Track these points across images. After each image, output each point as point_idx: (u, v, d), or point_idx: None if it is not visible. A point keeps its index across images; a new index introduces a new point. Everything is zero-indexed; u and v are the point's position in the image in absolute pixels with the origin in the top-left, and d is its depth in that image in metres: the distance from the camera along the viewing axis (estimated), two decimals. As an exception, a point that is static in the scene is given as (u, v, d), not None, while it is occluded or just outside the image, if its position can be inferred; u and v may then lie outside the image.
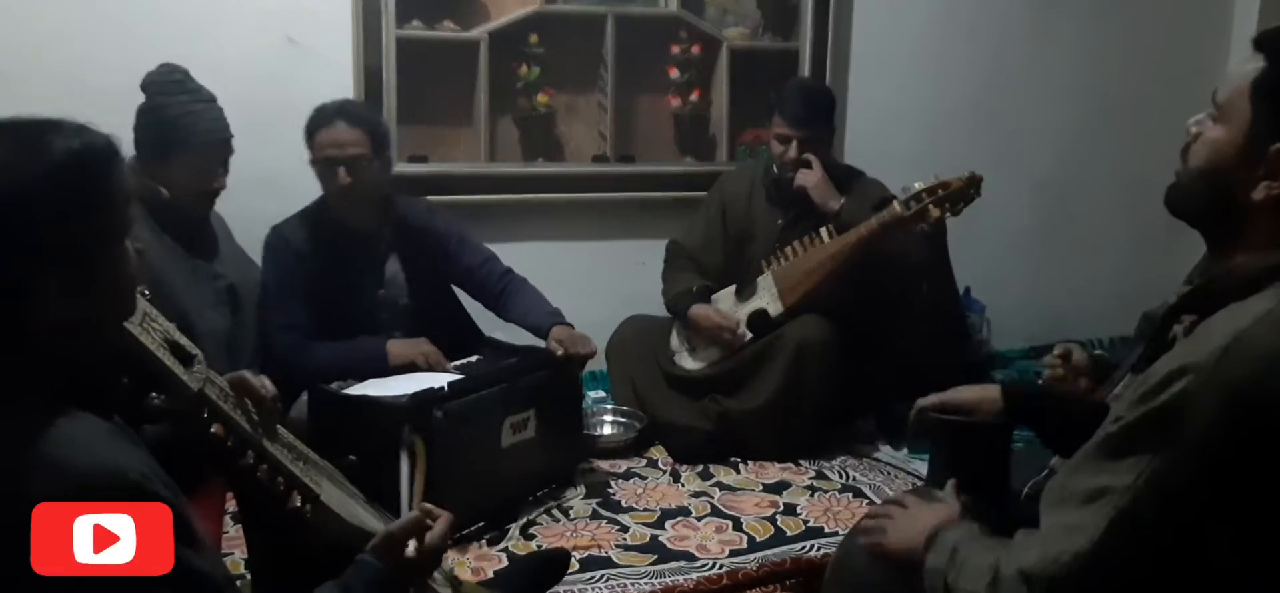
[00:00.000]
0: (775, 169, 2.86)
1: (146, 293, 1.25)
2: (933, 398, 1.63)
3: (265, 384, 1.37)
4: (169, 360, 1.21)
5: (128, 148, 2.22)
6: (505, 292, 2.64)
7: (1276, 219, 1.10)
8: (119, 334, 1.11)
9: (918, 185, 2.59)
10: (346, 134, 2.39)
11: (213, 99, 2.30)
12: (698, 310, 2.82)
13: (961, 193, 2.57)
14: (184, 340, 1.27)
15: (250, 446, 1.28)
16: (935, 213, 2.56)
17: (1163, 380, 1.05)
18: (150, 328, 1.21)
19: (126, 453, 0.99)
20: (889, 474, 2.62)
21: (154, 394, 1.21)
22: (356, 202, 2.44)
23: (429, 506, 1.35)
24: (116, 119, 1.20)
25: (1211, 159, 1.15)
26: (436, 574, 1.51)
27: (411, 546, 1.27)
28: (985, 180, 2.59)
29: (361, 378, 2.32)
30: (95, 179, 1.01)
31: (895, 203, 2.61)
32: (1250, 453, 1.03)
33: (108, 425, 1.02)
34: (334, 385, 2.28)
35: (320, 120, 2.42)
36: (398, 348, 2.44)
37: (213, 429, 1.25)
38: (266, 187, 2.66)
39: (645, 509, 2.38)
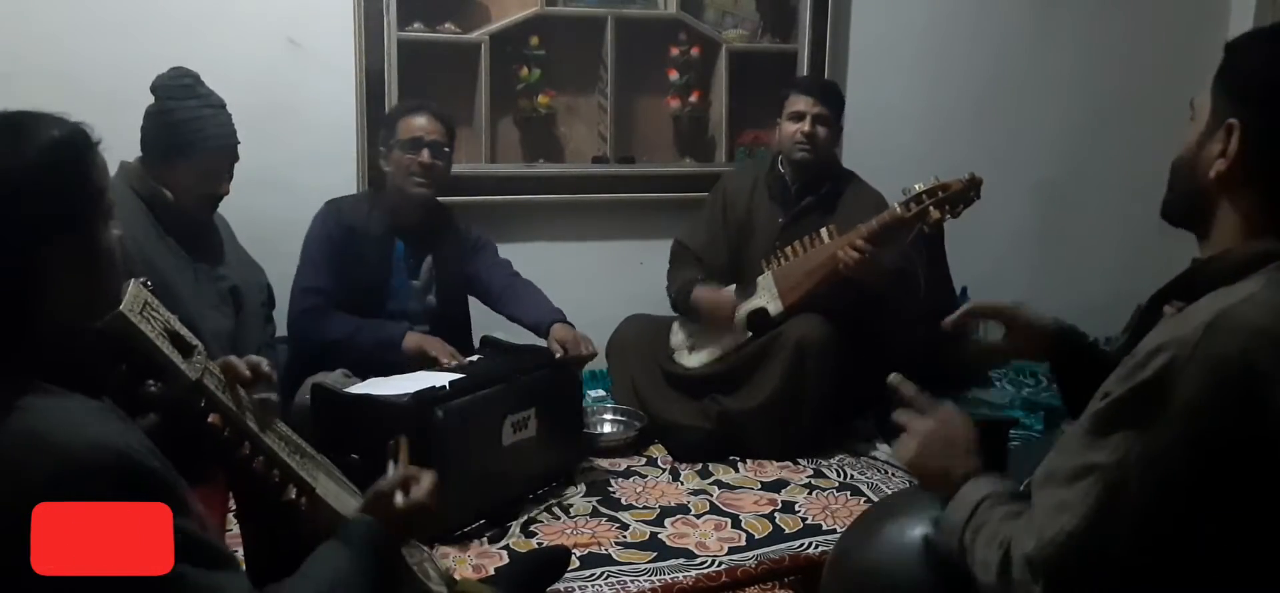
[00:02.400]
0: (780, 160, 2.87)
1: (149, 284, 1.26)
2: (991, 303, 1.69)
3: (252, 361, 1.38)
4: (167, 349, 1.22)
5: (132, 149, 2.26)
6: (510, 291, 2.73)
7: (1236, 199, 1.15)
8: (107, 318, 1.13)
9: (918, 187, 2.60)
10: (430, 124, 2.62)
11: (222, 104, 2.31)
12: (700, 292, 2.84)
13: (961, 195, 2.58)
14: (184, 331, 1.28)
15: (247, 437, 1.29)
16: (935, 215, 2.57)
17: (1147, 356, 1.07)
18: (150, 318, 1.22)
19: (121, 431, 1.00)
20: (887, 473, 2.63)
21: (150, 382, 1.22)
22: (426, 186, 2.61)
23: (413, 468, 1.37)
24: (117, 119, 1.21)
25: (1182, 151, 1.21)
26: (432, 572, 1.52)
27: (399, 497, 1.29)
28: (984, 180, 2.60)
29: (370, 355, 2.43)
30: (75, 164, 1.04)
31: (895, 204, 2.62)
32: (1236, 428, 1.04)
33: (99, 405, 1.03)
34: (338, 372, 2.30)
35: (407, 109, 2.66)
36: (415, 340, 2.52)
37: (210, 419, 1.26)
38: (267, 187, 2.67)
39: (645, 507, 2.39)
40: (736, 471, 2.63)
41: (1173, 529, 1.07)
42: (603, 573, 2.06)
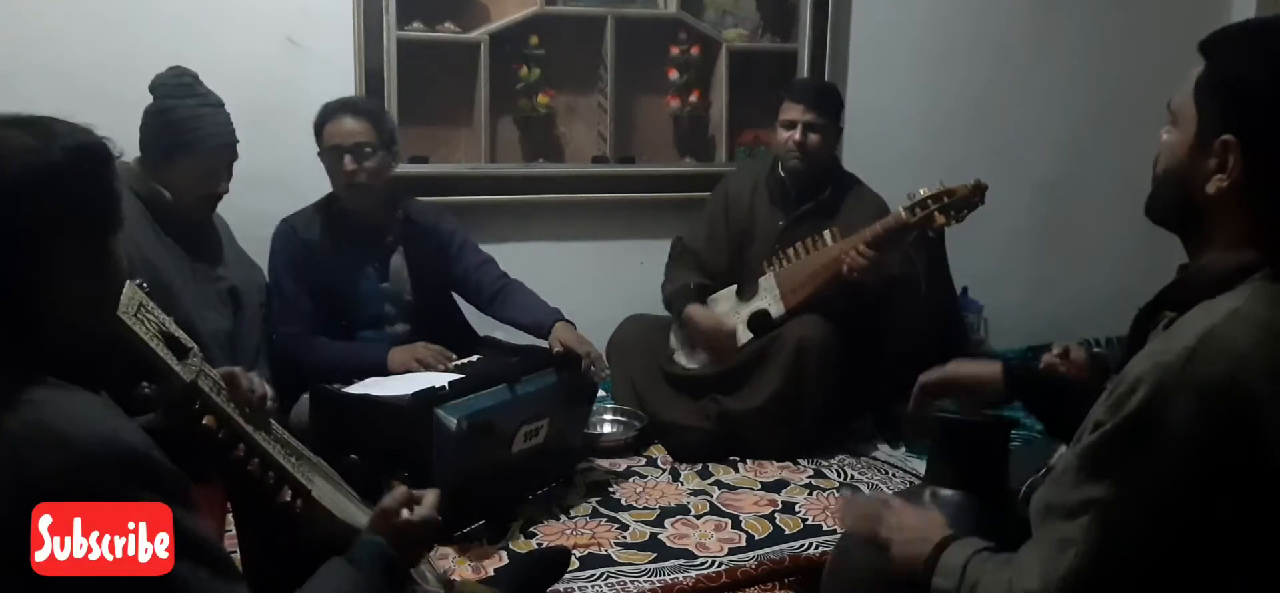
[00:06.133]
0: (779, 163, 2.87)
1: (145, 286, 1.26)
2: (935, 373, 1.63)
3: (254, 382, 1.37)
4: (161, 351, 1.22)
5: (131, 148, 2.25)
6: (502, 293, 2.67)
7: (1236, 212, 1.11)
8: (110, 323, 1.13)
9: (922, 192, 2.59)
10: (352, 125, 2.49)
11: (220, 104, 2.31)
12: (693, 310, 2.83)
13: (965, 200, 2.57)
14: (179, 333, 1.27)
15: (242, 439, 1.29)
16: (940, 220, 2.56)
17: (1134, 383, 1.06)
18: (145, 319, 1.22)
19: (131, 427, 1.01)
20: (887, 473, 2.63)
21: (145, 384, 1.22)
22: (362, 190, 2.51)
23: (410, 489, 1.36)
24: (116, 119, 1.21)
25: (1168, 162, 1.17)
26: (429, 576, 1.52)
27: (406, 512, 1.29)
28: (986, 183, 2.59)
29: (360, 380, 2.35)
30: (98, 172, 1.05)
31: (900, 209, 2.62)
32: (1228, 450, 1.03)
33: (105, 400, 1.04)
34: (335, 385, 2.29)
35: (327, 114, 2.53)
36: (396, 356, 2.47)
37: (204, 421, 1.25)
38: (266, 187, 2.66)
39: (645, 508, 2.39)
40: (736, 471, 2.63)
41: (1175, 557, 1.06)
42: (603, 574, 2.06)
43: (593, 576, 2.05)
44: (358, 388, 2.27)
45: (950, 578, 1.20)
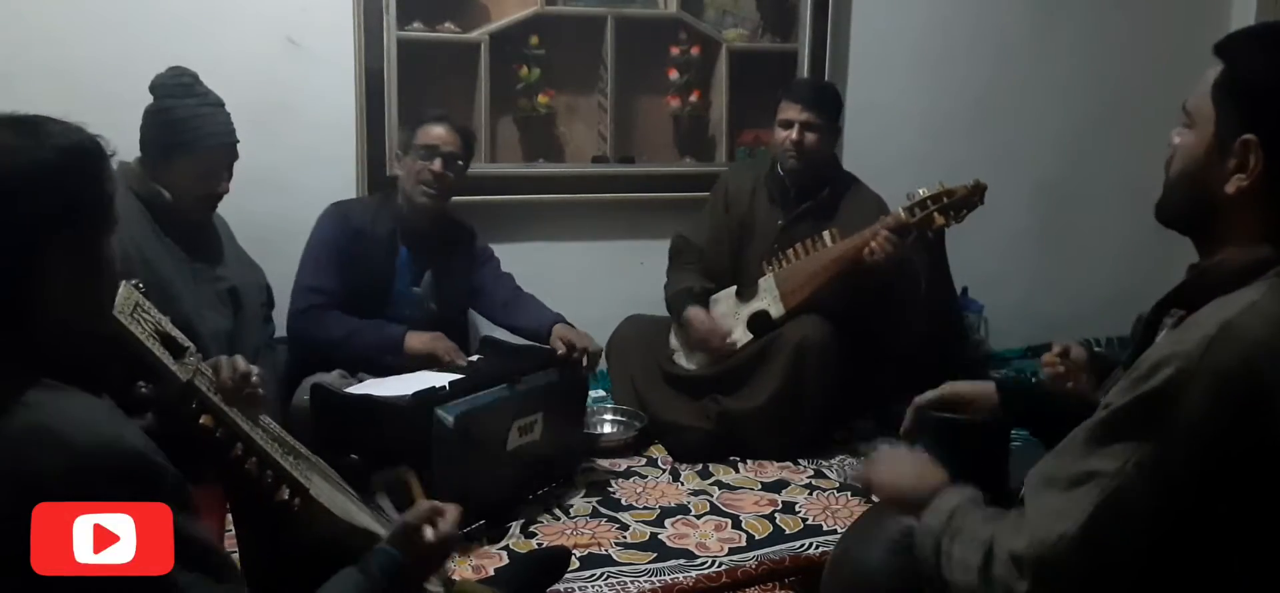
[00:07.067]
0: (778, 163, 2.87)
1: (140, 286, 1.26)
2: (929, 394, 1.64)
3: (238, 364, 1.37)
4: (158, 350, 1.22)
5: (130, 148, 2.26)
6: (513, 303, 2.75)
7: (1253, 212, 1.13)
8: (106, 322, 1.13)
9: (922, 192, 2.59)
10: (448, 134, 2.62)
11: (220, 103, 2.31)
12: (692, 313, 2.84)
13: (965, 200, 2.57)
14: (176, 332, 1.27)
15: (239, 438, 1.29)
16: (940, 220, 2.56)
17: (1151, 368, 1.07)
18: (141, 319, 1.22)
19: (124, 426, 1.01)
20: (888, 474, 2.63)
21: (141, 383, 1.22)
22: (434, 198, 2.61)
23: (436, 502, 1.37)
24: (116, 119, 1.21)
25: (1185, 163, 1.19)
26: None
27: (428, 532, 1.30)
28: (986, 183, 2.59)
29: (371, 357, 2.43)
30: (91, 169, 1.06)
31: (900, 209, 2.62)
32: (1240, 439, 1.04)
33: (104, 402, 1.04)
34: (335, 374, 2.30)
35: (426, 118, 2.66)
36: (416, 340, 2.50)
37: (201, 420, 1.25)
38: (266, 187, 2.67)
39: (645, 508, 2.39)
40: (737, 471, 2.63)
41: (1172, 540, 1.06)
42: (603, 574, 2.06)
43: (593, 576, 2.05)
44: (358, 388, 2.27)
45: (938, 517, 1.23)
